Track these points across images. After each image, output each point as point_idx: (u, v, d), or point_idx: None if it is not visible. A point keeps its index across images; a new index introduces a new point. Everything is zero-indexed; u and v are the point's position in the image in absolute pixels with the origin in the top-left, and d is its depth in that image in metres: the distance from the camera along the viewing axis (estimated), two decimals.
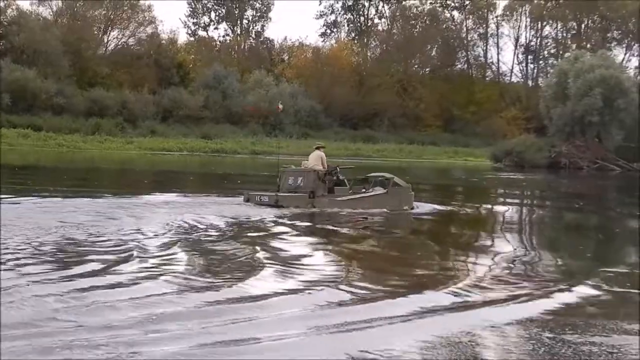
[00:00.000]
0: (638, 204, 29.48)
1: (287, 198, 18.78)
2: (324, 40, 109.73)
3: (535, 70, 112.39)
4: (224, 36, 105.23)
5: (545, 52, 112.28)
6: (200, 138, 71.14)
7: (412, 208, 19.86)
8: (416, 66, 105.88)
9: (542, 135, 74.90)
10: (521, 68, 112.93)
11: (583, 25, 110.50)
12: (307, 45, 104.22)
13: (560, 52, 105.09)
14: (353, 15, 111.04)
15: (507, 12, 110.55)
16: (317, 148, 20.49)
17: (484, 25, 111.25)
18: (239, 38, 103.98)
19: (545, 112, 74.14)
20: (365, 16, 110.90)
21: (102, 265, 9.21)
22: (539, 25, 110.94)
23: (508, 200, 24.08)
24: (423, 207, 20.10)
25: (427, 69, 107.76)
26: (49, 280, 8.11)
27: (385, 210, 19.05)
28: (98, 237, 11.86)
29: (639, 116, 69.25)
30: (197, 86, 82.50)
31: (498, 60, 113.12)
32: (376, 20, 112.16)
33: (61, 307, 6.91)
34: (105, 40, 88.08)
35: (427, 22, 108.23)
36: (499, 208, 22.41)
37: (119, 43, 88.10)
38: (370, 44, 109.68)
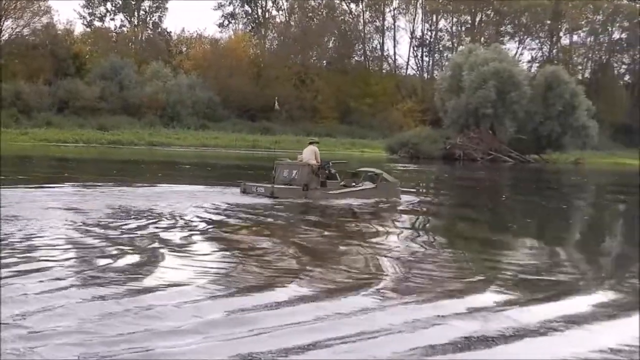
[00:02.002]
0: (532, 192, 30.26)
1: (283, 190, 19.49)
2: (221, 32, 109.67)
3: (431, 63, 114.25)
4: (120, 27, 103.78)
5: (441, 46, 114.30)
6: (97, 129, 69.96)
7: (399, 200, 20.69)
8: (314, 58, 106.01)
9: (437, 127, 76.05)
10: (417, 61, 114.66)
11: (477, 19, 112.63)
12: (205, 37, 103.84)
13: (455, 46, 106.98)
14: (251, 7, 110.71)
15: (403, 6, 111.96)
16: (311, 143, 21.16)
17: (381, 18, 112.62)
18: (136, 29, 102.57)
19: (440, 105, 75.33)
20: (263, 8, 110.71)
21: None
22: (434, 18, 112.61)
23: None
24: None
25: (324, 61, 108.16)
26: None
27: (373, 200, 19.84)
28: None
29: (531, 108, 71.04)
30: (93, 77, 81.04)
31: (394, 53, 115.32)
32: (274, 12, 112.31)
33: None
34: None
35: (325, 14, 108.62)
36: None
37: (13, 33, 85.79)
38: (268, 35, 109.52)
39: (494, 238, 14.49)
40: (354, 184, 20.96)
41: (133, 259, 9.30)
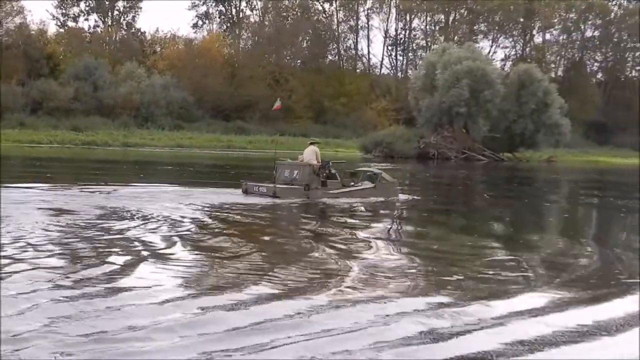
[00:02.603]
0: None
1: (285, 190, 19.81)
2: (195, 32, 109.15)
3: (405, 62, 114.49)
4: (94, 27, 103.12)
5: (414, 45, 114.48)
6: (71, 130, 69.43)
7: (398, 199, 21.23)
8: (288, 58, 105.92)
9: (411, 126, 76.19)
10: (391, 60, 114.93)
11: (451, 18, 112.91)
12: (179, 37, 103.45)
13: (429, 45, 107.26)
14: (224, 7, 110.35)
15: (377, 5, 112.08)
16: (312, 143, 21.63)
17: (355, 18, 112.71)
18: (109, 29, 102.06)
19: (414, 104, 75.44)
20: (237, 8, 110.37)
21: None
22: (408, 17, 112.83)
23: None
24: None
25: (298, 61, 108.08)
26: None
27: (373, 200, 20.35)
28: None
29: (504, 107, 71.34)
30: (67, 78, 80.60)
31: (368, 52, 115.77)
32: (248, 12, 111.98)
33: None
34: None
35: (299, 14, 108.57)
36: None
37: None
38: (242, 35, 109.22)
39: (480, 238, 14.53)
40: (352, 183, 21.26)
41: (117, 259, 9.39)
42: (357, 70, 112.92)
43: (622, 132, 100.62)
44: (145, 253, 10.03)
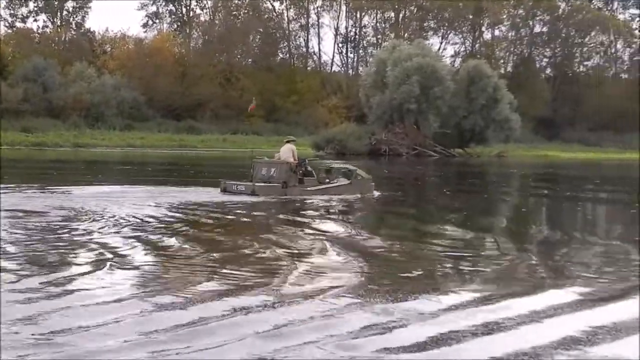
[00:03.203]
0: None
1: (263, 188, 20.13)
2: (146, 32, 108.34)
3: (356, 60, 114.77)
4: (43, 28, 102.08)
5: (365, 42, 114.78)
6: (20, 131, 68.49)
7: (373, 195, 21.73)
8: (238, 57, 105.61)
9: (362, 123, 76.41)
10: (342, 57, 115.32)
11: (401, 15, 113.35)
12: (129, 37, 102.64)
13: (379, 42, 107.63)
14: (174, 6, 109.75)
15: (327, 3, 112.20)
16: (288, 142, 21.90)
17: (305, 16, 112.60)
18: (59, 29, 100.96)
19: (365, 101, 75.56)
20: (187, 7, 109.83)
21: None
22: (358, 15, 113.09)
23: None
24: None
25: (249, 60, 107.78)
26: None
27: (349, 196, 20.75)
28: None
29: (454, 103, 71.84)
30: (16, 79, 79.55)
31: (319, 50, 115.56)
32: (198, 11, 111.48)
33: None
34: None
35: (249, 12, 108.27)
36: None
37: None
38: (193, 34, 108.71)
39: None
40: (327, 180, 21.63)
41: (74, 260, 9.52)
42: (308, 68, 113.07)
43: (570, 127, 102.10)
44: (101, 252, 10.05)
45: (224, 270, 9.00)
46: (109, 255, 9.84)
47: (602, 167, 59.06)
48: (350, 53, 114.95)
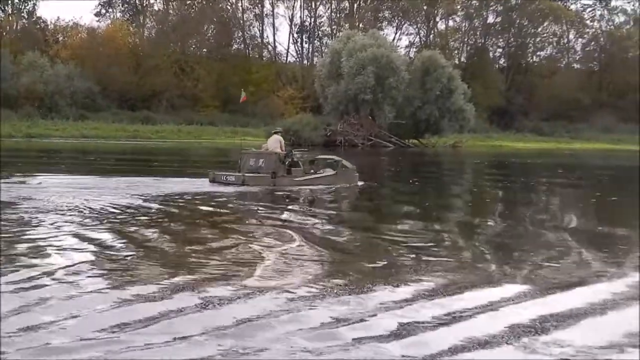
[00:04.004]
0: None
1: (253, 178, 20.51)
2: (99, 21, 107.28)
3: (311, 50, 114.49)
4: None
5: (320, 32, 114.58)
6: None
7: (357, 185, 22.23)
8: (193, 46, 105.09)
9: (318, 114, 76.38)
10: (297, 48, 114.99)
11: (355, 5, 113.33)
12: (82, 26, 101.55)
13: (334, 32, 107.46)
14: None
15: None
16: (275, 133, 22.52)
17: (260, 5, 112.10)
18: (10, 18, 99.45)
19: (320, 91, 75.49)
20: None
21: None
22: (314, 5, 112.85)
23: None
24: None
25: (204, 50, 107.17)
26: None
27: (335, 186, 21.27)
28: None
29: (409, 93, 72.08)
30: None
31: (274, 40, 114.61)
32: (151, 0, 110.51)
33: None
34: None
35: (203, 2, 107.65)
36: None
37: None
38: (146, 24, 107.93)
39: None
40: (312, 171, 22.12)
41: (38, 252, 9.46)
42: (264, 59, 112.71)
43: (524, 117, 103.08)
44: (71, 246, 10.04)
45: (192, 262, 9.09)
46: (80, 246, 9.91)
47: (560, 156, 59.84)
48: (306, 43, 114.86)
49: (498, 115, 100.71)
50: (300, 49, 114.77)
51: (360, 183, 22.55)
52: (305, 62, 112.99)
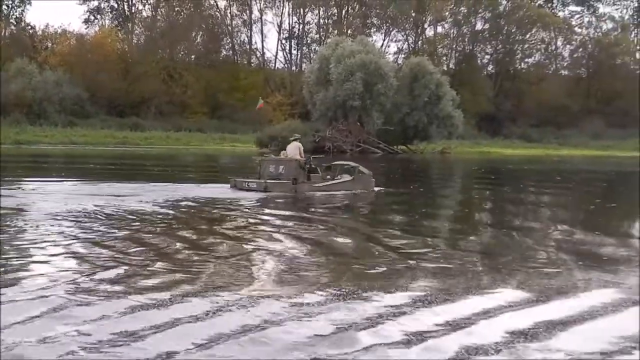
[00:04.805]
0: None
1: (274, 185, 20.65)
2: (87, 27, 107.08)
3: (299, 56, 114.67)
4: None
5: (308, 38, 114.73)
6: None
7: (374, 190, 22.30)
8: (181, 53, 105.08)
9: (306, 120, 76.39)
10: (285, 54, 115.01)
11: (344, 12, 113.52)
12: (71, 32, 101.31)
13: (323, 38, 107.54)
14: (116, 2, 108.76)
15: None
16: (294, 140, 22.62)
17: (248, 12, 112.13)
18: None
19: (309, 98, 75.56)
20: (129, 2, 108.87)
21: None
22: (302, 11, 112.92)
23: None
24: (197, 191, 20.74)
25: (192, 56, 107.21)
26: None
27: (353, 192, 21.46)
28: None
29: (397, 100, 72.14)
30: None
31: (262, 46, 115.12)
32: (140, 7, 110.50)
33: None
34: None
35: (191, 8, 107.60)
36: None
37: None
38: (135, 30, 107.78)
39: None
40: (328, 177, 22.27)
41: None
42: (252, 65, 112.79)
43: (513, 124, 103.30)
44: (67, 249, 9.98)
45: (199, 267, 9.02)
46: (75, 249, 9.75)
47: (549, 162, 59.92)
48: (294, 50, 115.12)
49: (486, 121, 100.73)
50: (288, 55, 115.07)
51: (376, 189, 22.68)
52: (293, 68, 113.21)
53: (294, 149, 22.17)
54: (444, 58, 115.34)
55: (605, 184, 33.19)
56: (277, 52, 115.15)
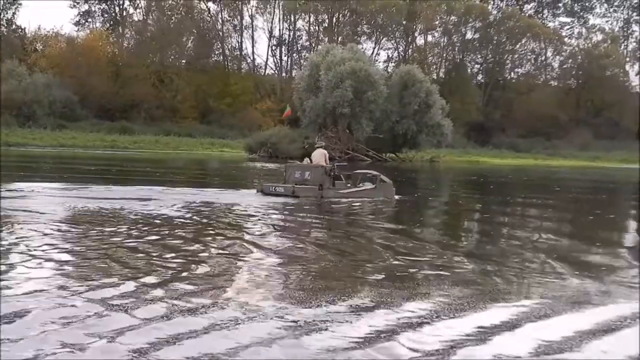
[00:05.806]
0: None
1: (302, 190, 20.96)
2: (78, 30, 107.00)
3: (289, 63, 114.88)
4: None
5: (299, 45, 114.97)
6: None
7: (395, 198, 22.31)
8: (172, 57, 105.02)
9: (296, 127, 76.23)
10: (275, 60, 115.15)
11: (335, 19, 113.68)
12: (62, 35, 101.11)
13: (313, 45, 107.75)
14: (107, 5, 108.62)
15: (261, 5, 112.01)
16: (319, 147, 23.36)
17: (239, 18, 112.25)
18: None
19: (298, 104, 75.38)
20: (120, 6, 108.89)
21: None
22: (292, 18, 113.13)
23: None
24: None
25: (183, 61, 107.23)
26: None
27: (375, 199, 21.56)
28: None
29: (387, 108, 72.14)
30: None
31: (253, 52, 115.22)
32: (131, 10, 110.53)
33: None
34: None
35: (183, 13, 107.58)
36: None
37: None
38: (126, 34, 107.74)
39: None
40: (349, 185, 22.56)
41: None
42: (242, 71, 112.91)
43: (502, 133, 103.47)
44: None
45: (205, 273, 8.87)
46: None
47: (541, 172, 60.01)
48: (284, 56, 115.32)
49: (475, 130, 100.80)
50: (279, 61, 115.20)
51: (397, 197, 22.81)
52: (283, 74, 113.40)
53: (320, 156, 22.61)
54: (434, 67, 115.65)
55: (605, 195, 33.33)
56: (267, 58, 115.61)
